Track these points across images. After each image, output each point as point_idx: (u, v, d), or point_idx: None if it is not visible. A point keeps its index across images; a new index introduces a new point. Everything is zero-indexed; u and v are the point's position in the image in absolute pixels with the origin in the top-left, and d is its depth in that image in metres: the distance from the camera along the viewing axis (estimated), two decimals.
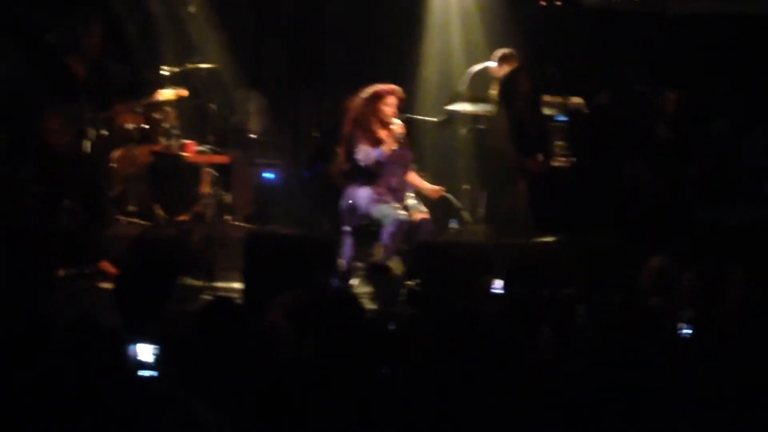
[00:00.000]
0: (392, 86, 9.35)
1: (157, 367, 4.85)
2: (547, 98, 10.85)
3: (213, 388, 4.54)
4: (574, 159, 10.69)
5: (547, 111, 10.83)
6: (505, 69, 10.57)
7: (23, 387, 4.38)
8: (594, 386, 4.79)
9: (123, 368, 4.63)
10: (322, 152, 11.72)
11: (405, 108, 9.67)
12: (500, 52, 10.59)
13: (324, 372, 4.75)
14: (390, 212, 8.94)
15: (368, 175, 9.18)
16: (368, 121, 9.20)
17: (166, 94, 10.00)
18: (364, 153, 9.13)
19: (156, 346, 4.91)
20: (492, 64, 10.79)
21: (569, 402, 4.74)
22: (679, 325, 6.06)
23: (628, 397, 4.77)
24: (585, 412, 4.75)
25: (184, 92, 10.21)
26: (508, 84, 10.23)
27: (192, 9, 11.48)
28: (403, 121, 9.50)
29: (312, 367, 4.78)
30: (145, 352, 4.89)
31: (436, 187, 9.67)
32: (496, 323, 5.30)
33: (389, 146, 9.16)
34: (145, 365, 4.88)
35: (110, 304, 6.30)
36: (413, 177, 9.61)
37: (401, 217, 8.95)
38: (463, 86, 11.04)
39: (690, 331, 6.00)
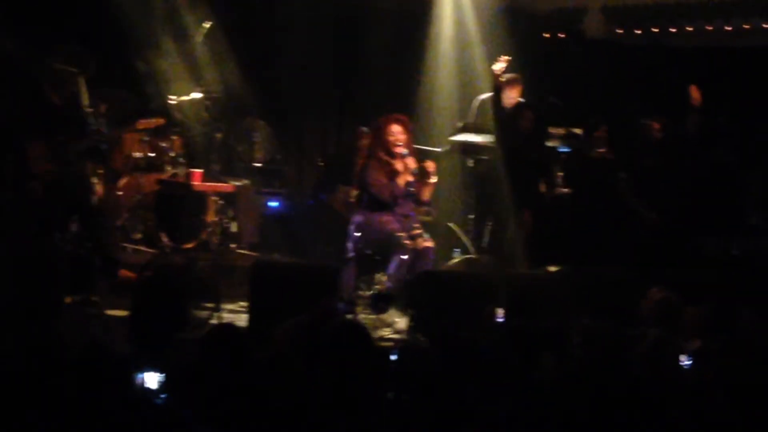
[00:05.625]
0: (394, 115, 9.41)
1: (165, 394, 4.90)
2: (549, 129, 10.90)
3: (219, 413, 4.59)
4: (573, 189, 10.75)
5: (549, 142, 10.88)
6: (508, 93, 10.62)
7: (32, 412, 4.43)
8: (593, 414, 4.84)
9: (131, 395, 4.69)
10: (326, 181, 11.79)
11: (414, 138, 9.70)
12: (505, 76, 10.63)
13: (329, 396, 4.80)
14: (397, 242, 8.99)
15: (377, 204, 9.23)
16: (377, 152, 9.26)
17: (145, 123, 10.14)
18: (379, 185, 9.17)
19: (164, 374, 4.96)
20: None
21: (568, 429, 4.80)
22: (681, 356, 6.09)
23: (627, 425, 4.82)
24: None
25: (161, 121, 10.34)
26: (510, 120, 10.31)
27: (199, 38, 11.58)
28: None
29: (317, 392, 4.82)
30: (153, 379, 4.94)
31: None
32: (497, 351, 5.35)
33: (404, 178, 9.21)
34: (153, 392, 4.93)
35: (117, 331, 6.37)
36: None
37: (408, 246, 9.00)
38: (468, 117, 11.10)
39: (691, 362, 6.02)
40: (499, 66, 10.24)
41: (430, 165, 9.32)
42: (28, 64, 9.29)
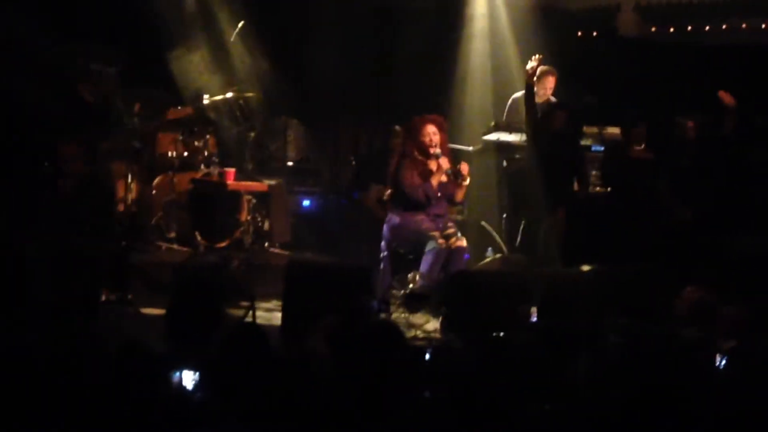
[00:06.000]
0: (430, 115, 9.42)
1: (201, 392, 4.92)
2: (584, 129, 10.89)
3: (253, 413, 4.61)
4: (609, 189, 10.71)
5: (583, 141, 10.87)
6: (543, 85, 10.59)
7: (69, 410, 4.46)
8: (629, 414, 4.84)
9: (168, 394, 4.72)
10: (359, 180, 11.81)
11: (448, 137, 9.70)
12: (538, 69, 10.52)
13: (363, 396, 4.81)
14: (431, 241, 9.00)
15: (411, 203, 9.24)
16: (411, 151, 9.28)
17: (175, 113, 10.19)
18: (412, 185, 9.19)
19: (199, 373, 4.98)
20: None
21: (604, 429, 4.79)
22: (718, 356, 6.06)
23: (663, 425, 4.81)
24: None
25: (190, 110, 10.38)
26: (542, 119, 10.29)
27: (233, 37, 11.62)
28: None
29: (351, 391, 4.83)
30: (189, 378, 4.97)
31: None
32: (530, 351, 5.34)
33: (437, 179, 9.22)
34: (189, 391, 4.95)
35: (152, 330, 6.40)
36: None
37: (441, 245, 9.00)
38: (503, 116, 11.10)
39: (726, 362, 5.99)
40: (532, 65, 10.23)
41: (465, 167, 9.31)
42: (62, 63, 9.38)
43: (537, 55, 10.25)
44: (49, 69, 9.45)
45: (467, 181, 9.28)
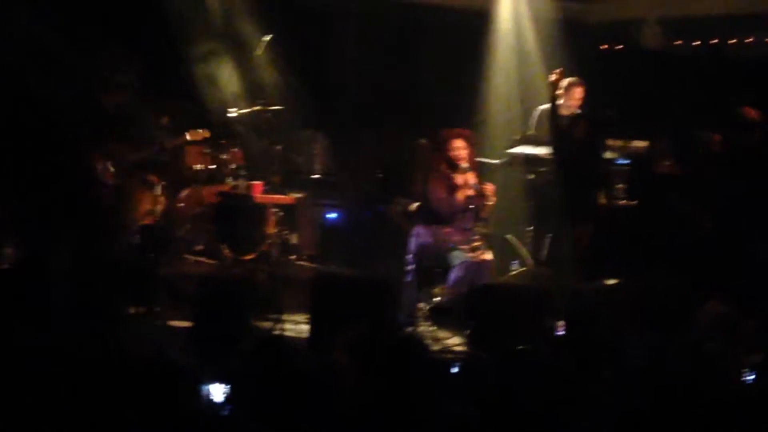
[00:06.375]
0: (458, 129, 9.43)
1: (230, 405, 4.95)
2: (608, 142, 10.88)
3: (275, 424, 4.63)
4: (634, 202, 10.71)
5: (608, 154, 10.86)
6: (571, 96, 10.60)
7: (95, 421, 4.50)
8: (652, 428, 4.85)
9: (198, 407, 4.75)
10: (384, 193, 11.83)
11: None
12: (564, 81, 10.54)
13: (389, 409, 4.83)
14: (458, 255, 9.01)
15: (437, 217, 9.26)
16: (438, 165, 9.30)
17: (193, 134, 10.23)
18: (439, 199, 9.21)
19: (228, 386, 5.01)
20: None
21: None
22: (743, 370, 6.05)
23: None
24: None
25: (207, 133, 10.43)
26: (566, 131, 10.30)
27: (259, 51, 11.68)
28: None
29: (377, 405, 4.85)
30: (218, 391, 5.00)
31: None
32: (555, 365, 5.36)
33: (463, 193, 9.24)
34: (218, 405, 4.98)
35: (180, 342, 6.45)
36: None
37: (468, 260, 9.01)
38: (529, 128, 11.11)
39: (753, 377, 5.98)
40: (553, 79, 10.24)
41: (489, 188, 9.31)
42: (86, 73, 9.44)
43: (557, 70, 10.27)
44: (73, 79, 9.50)
45: (492, 201, 9.29)
